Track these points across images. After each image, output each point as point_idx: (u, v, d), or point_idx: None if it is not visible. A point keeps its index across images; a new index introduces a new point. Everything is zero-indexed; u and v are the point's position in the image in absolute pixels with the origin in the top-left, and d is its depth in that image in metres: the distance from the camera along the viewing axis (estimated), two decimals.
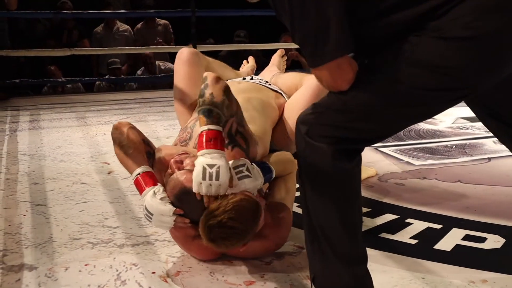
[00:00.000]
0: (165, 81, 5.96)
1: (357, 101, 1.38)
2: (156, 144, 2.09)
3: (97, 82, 6.26)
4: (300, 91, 2.35)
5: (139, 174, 1.91)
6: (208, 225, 1.71)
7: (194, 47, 5.60)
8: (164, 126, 4.05)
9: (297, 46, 6.04)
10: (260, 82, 2.45)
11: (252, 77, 2.53)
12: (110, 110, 4.70)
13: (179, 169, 1.86)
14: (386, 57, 1.37)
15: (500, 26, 1.27)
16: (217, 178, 1.73)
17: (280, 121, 2.32)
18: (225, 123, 1.87)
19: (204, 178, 1.73)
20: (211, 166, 1.74)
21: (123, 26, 6.70)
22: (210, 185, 1.73)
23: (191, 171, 1.78)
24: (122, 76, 6.29)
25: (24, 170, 3.04)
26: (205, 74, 1.88)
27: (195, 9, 5.57)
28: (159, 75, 6.10)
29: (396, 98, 1.36)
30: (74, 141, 3.67)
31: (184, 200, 1.82)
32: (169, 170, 1.90)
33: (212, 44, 6.84)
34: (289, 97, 2.41)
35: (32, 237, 2.19)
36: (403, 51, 1.33)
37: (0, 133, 3.93)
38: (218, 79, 1.86)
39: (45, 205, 2.53)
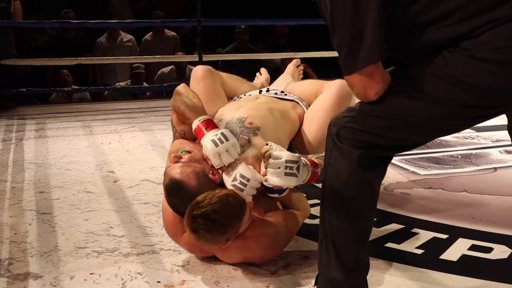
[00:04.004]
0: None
1: (385, 109, 1.41)
2: (161, 152, 2.09)
3: (106, 92, 6.26)
4: (321, 98, 2.36)
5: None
6: (192, 215, 1.77)
7: (200, 56, 5.61)
8: (169, 135, 4.00)
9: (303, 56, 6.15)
10: (276, 94, 2.48)
11: (268, 89, 2.54)
12: (115, 119, 4.70)
13: (175, 163, 1.96)
14: (417, 69, 1.40)
15: None
16: (226, 139, 1.92)
17: (301, 129, 2.35)
18: None
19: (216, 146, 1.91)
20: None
21: (126, 37, 6.66)
22: (227, 150, 1.91)
23: (183, 165, 1.92)
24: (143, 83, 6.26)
25: (30, 179, 3.05)
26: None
27: (201, 19, 5.58)
28: (164, 85, 6.10)
29: (422, 109, 1.39)
30: (80, 150, 3.68)
31: (172, 191, 1.91)
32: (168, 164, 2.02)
33: (220, 54, 6.82)
34: (308, 104, 2.42)
35: (37, 245, 2.19)
36: (435, 64, 1.37)
37: (7, 141, 3.94)
38: None
39: (50, 214, 2.53)
